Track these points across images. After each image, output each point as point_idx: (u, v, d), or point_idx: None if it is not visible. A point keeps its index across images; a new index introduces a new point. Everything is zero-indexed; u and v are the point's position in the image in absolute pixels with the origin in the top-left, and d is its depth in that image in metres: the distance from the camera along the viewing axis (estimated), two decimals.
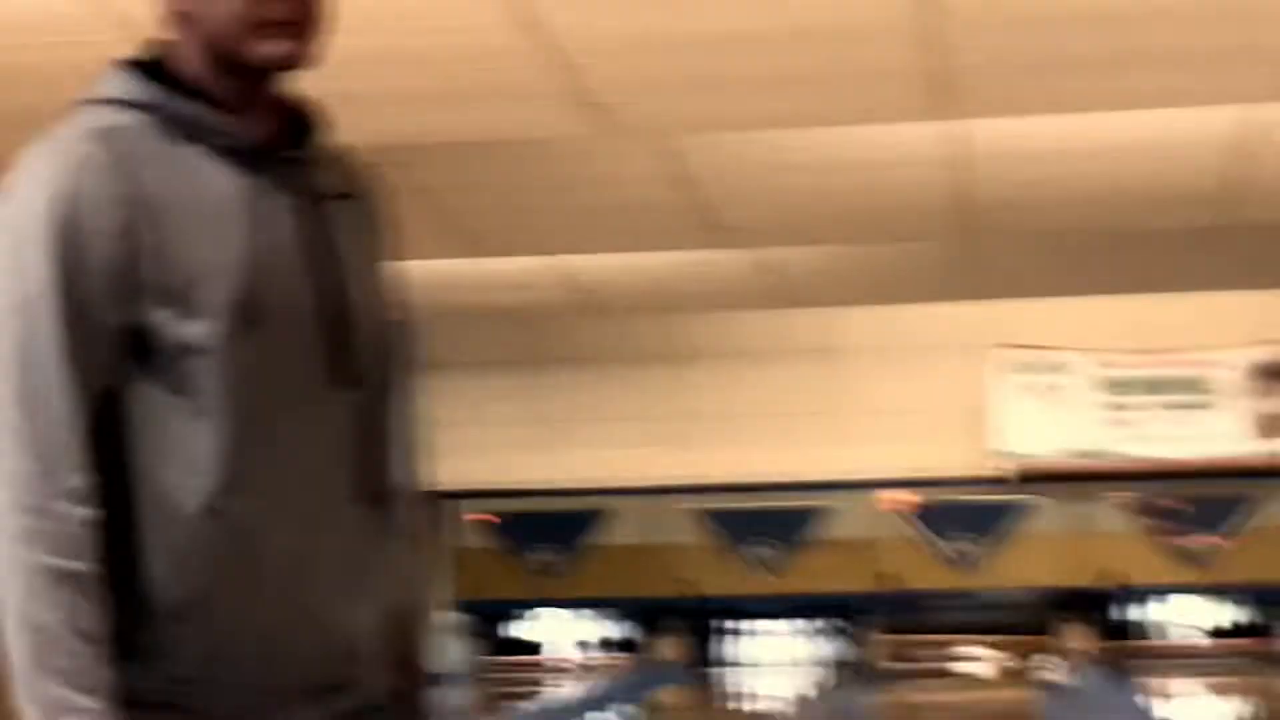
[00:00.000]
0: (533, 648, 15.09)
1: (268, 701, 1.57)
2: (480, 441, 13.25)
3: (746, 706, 14.38)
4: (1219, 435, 13.43)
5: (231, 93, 1.67)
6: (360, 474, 1.65)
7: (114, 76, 1.65)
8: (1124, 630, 14.28)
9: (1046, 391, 13.47)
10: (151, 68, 1.66)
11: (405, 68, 6.96)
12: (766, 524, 14.10)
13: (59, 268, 1.56)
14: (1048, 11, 6.18)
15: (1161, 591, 14.20)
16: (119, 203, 1.58)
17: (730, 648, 14.88)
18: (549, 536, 14.40)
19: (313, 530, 1.59)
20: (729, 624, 14.73)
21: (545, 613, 15.10)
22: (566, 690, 14.10)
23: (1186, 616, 14.34)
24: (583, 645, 15.20)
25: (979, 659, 14.08)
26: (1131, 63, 6.73)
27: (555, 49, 6.51)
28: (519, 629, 15.17)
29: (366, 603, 1.62)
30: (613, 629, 15.10)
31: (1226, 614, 14.26)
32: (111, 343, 1.57)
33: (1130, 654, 13.82)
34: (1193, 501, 13.60)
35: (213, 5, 1.62)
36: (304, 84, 2.07)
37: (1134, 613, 14.40)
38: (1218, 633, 14.27)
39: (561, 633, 15.17)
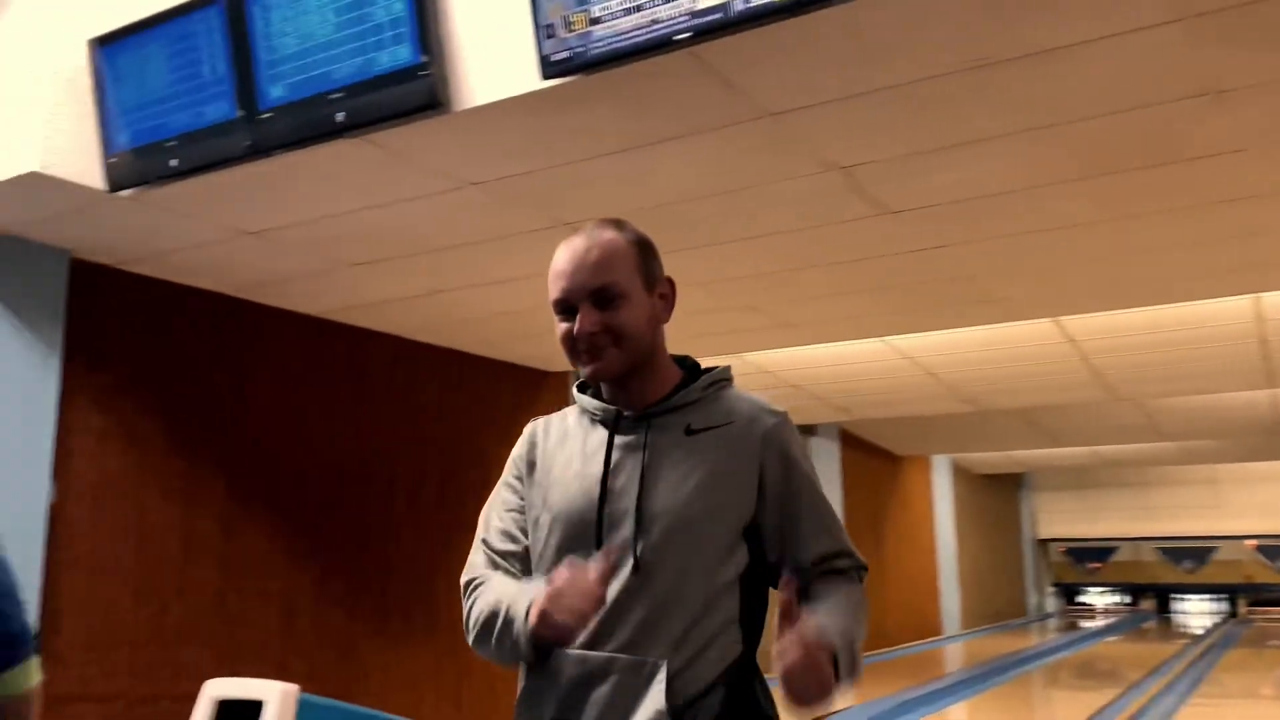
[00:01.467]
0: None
1: None
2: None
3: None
4: None
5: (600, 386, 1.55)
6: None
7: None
8: None
9: None
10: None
11: (998, 376, 7.45)
12: (1191, 553, 18.65)
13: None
14: None
15: None
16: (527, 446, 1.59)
17: (1175, 606, 19.15)
18: (1094, 558, 19.92)
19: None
20: (1174, 596, 19.18)
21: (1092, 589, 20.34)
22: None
23: None
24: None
25: None
26: None
27: (1081, 356, 6.65)
28: (1083, 597, 20.29)
29: None
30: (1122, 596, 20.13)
31: None
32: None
33: None
34: None
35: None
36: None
37: None
38: None
39: (1100, 599, 20.21)
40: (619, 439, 1.50)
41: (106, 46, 3.29)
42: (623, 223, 1.55)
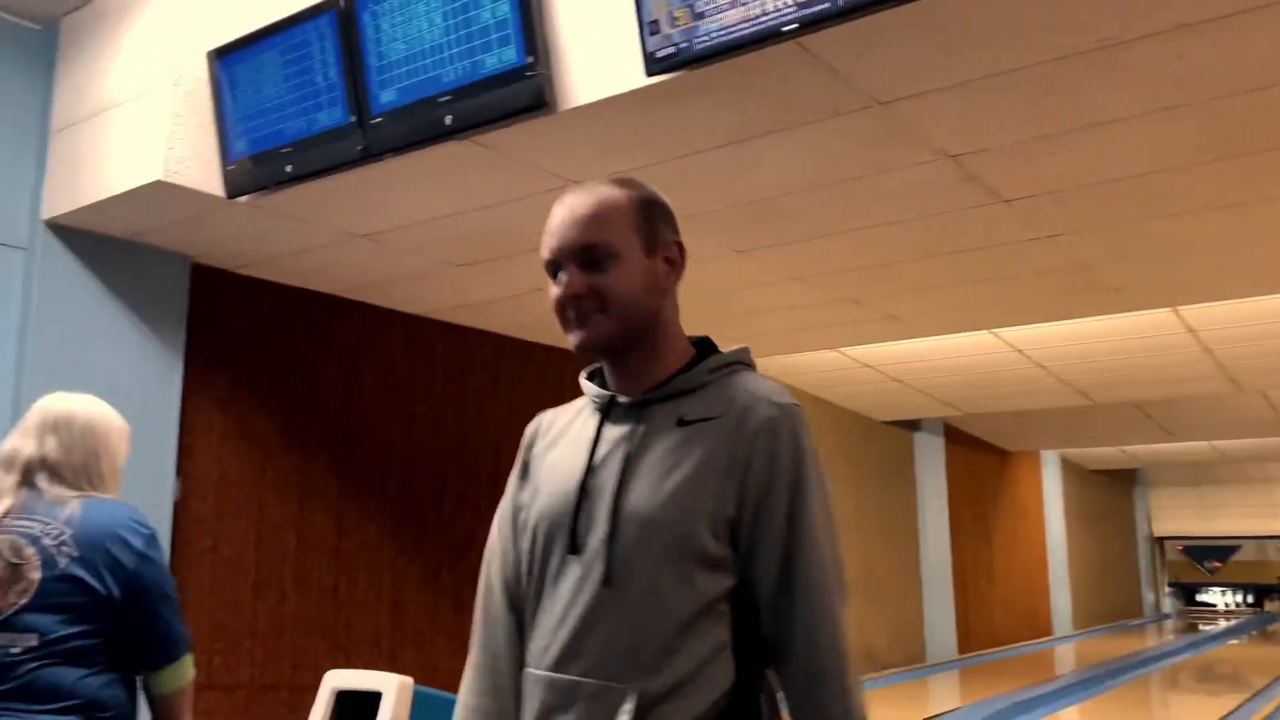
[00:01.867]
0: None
1: None
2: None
3: None
4: None
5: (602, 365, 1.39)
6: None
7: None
8: None
9: None
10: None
11: (1113, 368, 7.32)
12: None
13: None
14: None
15: None
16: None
17: None
18: (1214, 556, 19.61)
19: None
20: None
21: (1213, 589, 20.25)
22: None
23: None
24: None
25: None
26: None
27: (1202, 347, 6.58)
28: (1203, 597, 20.43)
29: None
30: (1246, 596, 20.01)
31: None
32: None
33: None
34: None
35: None
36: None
37: None
38: None
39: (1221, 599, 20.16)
40: (609, 430, 1.31)
41: (224, 57, 3.41)
42: (632, 180, 1.37)
